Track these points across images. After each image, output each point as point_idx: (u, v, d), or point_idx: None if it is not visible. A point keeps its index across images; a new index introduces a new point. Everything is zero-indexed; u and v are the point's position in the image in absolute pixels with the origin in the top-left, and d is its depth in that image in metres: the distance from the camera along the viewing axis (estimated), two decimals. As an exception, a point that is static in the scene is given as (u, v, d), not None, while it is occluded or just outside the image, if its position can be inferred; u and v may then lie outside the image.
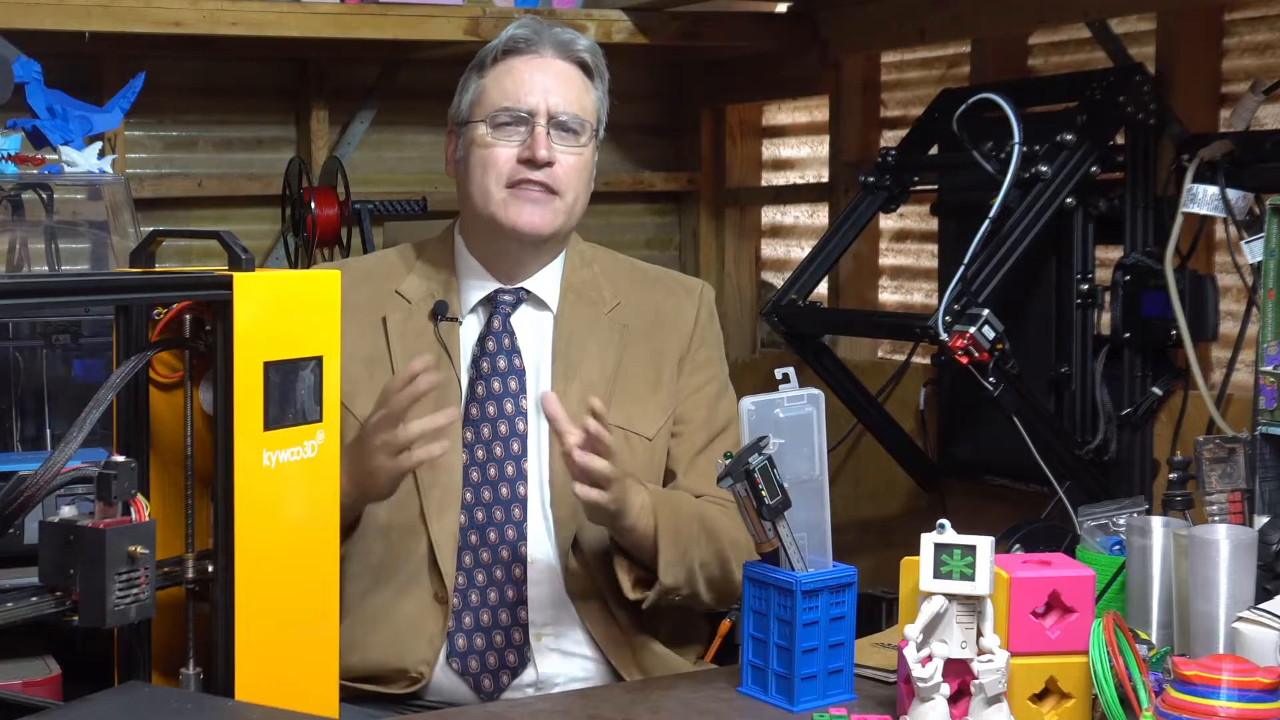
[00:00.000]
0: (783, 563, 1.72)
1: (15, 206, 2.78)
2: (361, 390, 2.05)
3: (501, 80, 2.08)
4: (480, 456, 2.04)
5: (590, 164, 2.11)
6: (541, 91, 2.06)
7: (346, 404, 2.02)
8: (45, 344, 2.54)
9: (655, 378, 2.13)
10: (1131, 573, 1.87)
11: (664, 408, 2.12)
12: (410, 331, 2.09)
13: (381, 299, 2.11)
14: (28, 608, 1.42)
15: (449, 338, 2.08)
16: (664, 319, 2.16)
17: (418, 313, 2.10)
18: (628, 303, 2.16)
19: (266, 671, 1.54)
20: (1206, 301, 2.86)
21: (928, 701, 1.58)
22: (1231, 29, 3.01)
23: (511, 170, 2.05)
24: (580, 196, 2.10)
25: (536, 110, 2.05)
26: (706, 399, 2.15)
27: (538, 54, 2.08)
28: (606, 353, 2.11)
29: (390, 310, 2.11)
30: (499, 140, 2.06)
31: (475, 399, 2.06)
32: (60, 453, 1.42)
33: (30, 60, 2.62)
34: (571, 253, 2.17)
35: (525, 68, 2.08)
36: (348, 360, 2.00)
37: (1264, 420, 1.89)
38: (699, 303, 2.20)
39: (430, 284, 2.12)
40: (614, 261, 2.22)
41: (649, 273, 2.24)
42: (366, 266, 2.21)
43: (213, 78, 3.89)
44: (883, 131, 3.87)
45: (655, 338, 2.15)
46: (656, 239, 4.46)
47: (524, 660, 2.01)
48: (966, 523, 1.71)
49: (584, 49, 2.11)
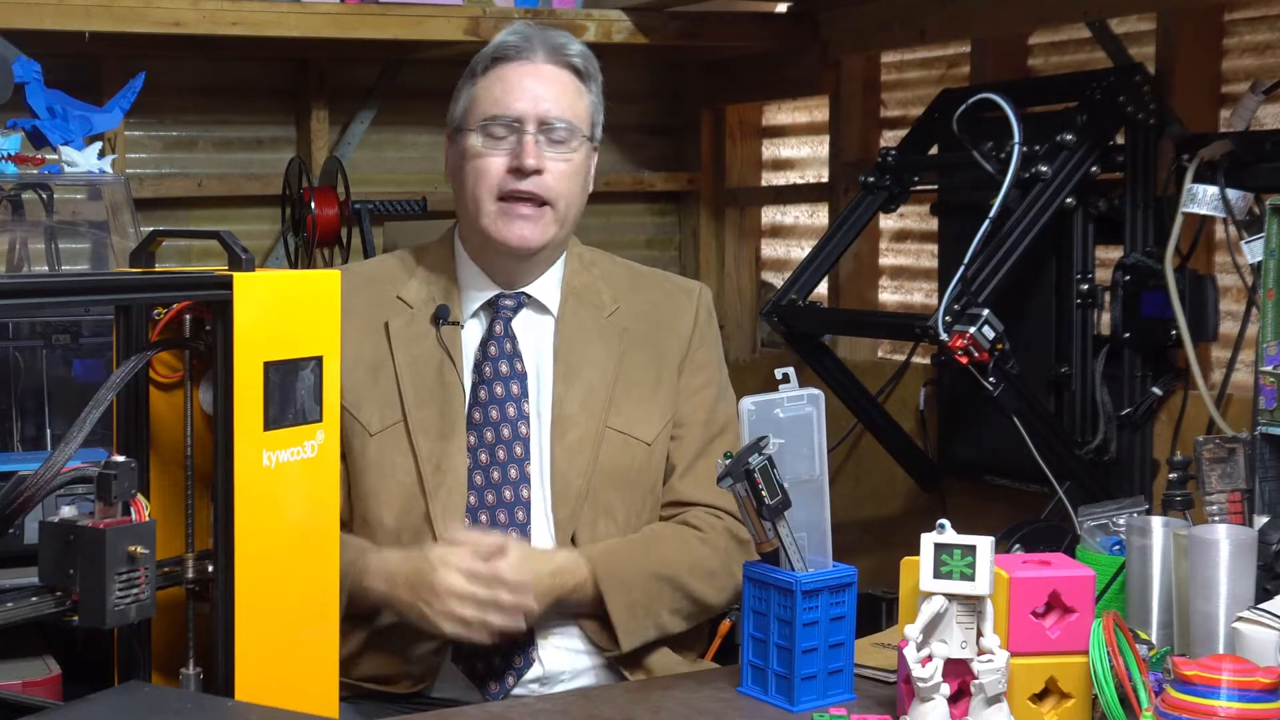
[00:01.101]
0: (783, 563, 1.72)
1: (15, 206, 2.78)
2: (365, 397, 2.06)
3: (492, 88, 2.08)
4: (484, 460, 2.05)
5: (583, 169, 2.11)
6: (531, 98, 2.05)
7: (351, 411, 2.04)
8: (45, 344, 2.54)
9: (655, 381, 2.13)
10: (1131, 573, 1.87)
11: (664, 411, 2.12)
12: (413, 336, 2.09)
13: (383, 304, 2.12)
14: (28, 608, 1.42)
15: (451, 342, 2.09)
16: (663, 322, 2.17)
17: (419, 317, 2.10)
18: (627, 306, 2.16)
19: (266, 671, 1.54)
20: (1206, 301, 2.86)
21: (928, 701, 1.58)
22: (1231, 29, 3.01)
23: (501, 181, 2.05)
24: (573, 203, 2.10)
25: (525, 117, 2.05)
26: (705, 401, 2.16)
27: (528, 60, 2.08)
28: (607, 356, 2.11)
29: (392, 315, 2.11)
30: (489, 150, 2.06)
31: (478, 403, 2.06)
32: (60, 453, 1.42)
33: (30, 60, 2.62)
34: (571, 256, 2.17)
35: (515, 74, 2.07)
36: (351, 366, 2.01)
37: (1264, 420, 1.89)
38: (697, 304, 2.20)
39: (431, 289, 2.12)
40: (613, 265, 2.23)
41: (647, 276, 2.24)
42: (367, 271, 2.21)
43: (213, 78, 3.89)
44: (883, 131, 3.87)
45: (655, 341, 2.15)
46: (656, 239, 4.46)
47: (529, 660, 2.02)
48: (966, 523, 1.71)
49: (576, 54, 2.11)
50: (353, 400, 2.04)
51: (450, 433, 2.04)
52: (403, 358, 2.07)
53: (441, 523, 2.01)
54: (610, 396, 2.09)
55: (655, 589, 2.03)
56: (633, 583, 2.02)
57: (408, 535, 2.02)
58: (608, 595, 1.99)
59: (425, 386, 2.07)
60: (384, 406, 2.06)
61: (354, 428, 2.05)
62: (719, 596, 2.08)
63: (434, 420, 2.05)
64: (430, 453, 2.03)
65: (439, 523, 2.01)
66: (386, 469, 2.04)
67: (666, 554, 2.06)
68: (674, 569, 2.04)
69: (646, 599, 2.02)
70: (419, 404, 2.05)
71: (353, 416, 2.04)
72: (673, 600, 2.04)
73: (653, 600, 2.02)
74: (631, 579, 2.02)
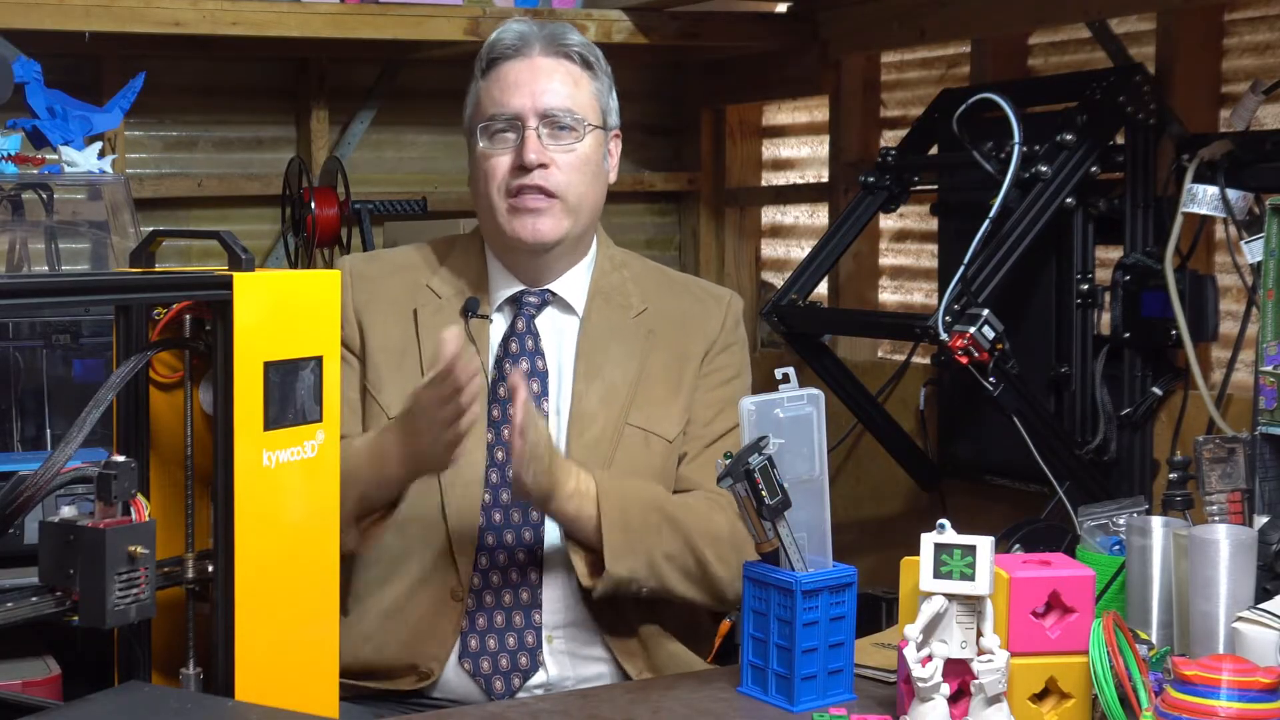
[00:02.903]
0: (783, 563, 1.72)
1: (15, 206, 2.78)
2: (388, 380, 2.06)
3: (491, 88, 2.08)
4: (500, 457, 2.04)
5: (592, 158, 2.09)
6: (528, 93, 2.05)
7: (373, 394, 2.05)
8: (45, 344, 2.54)
9: (677, 381, 2.12)
10: (1131, 573, 1.87)
11: (685, 410, 2.11)
12: (440, 325, 2.05)
13: (413, 291, 2.12)
14: (28, 608, 1.42)
15: (478, 335, 2.08)
16: (689, 324, 2.16)
17: (448, 308, 2.10)
18: (655, 308, 2.15)
19: (266, 671, 1.54)
20: (1206, 301, 2.86)
21: (928, 701, 1.58)
22: (1231, 29, 3.01)
23: (507, 179, 2.05)
24: (587, 194, 2.09)
25: (523, 112, 2.04)
26: (718, 400, 2.13)
27: (525, 56, 2.07)
28: (630, 356, 2.10)
29: (421, 303, 2.11)
30: (494, 150, 2.06)
31: (497, 400, 2.05)
32: (60, 453, 1.42)
33: (30, 60, 2.62)
34: (602, 256, 2.17)
35: (513, 72, 2.07)
36: (377, 350, 2.05)
37: (1264, 420, 1.89)
38: (725, 311, 2.19)
39: (460, 281, 2.12)
40: (644, 268, 2.22)
41: (679, 281, 2.24)
42: (397, 260, 2.20)
43: (213, 78, 3.89)
44: (883, 131, 3.87)
45: (679, 341, 2.14)
46: (656, 239, 4.45)
47: (535, 663, 2.01)
48: (966, 523, 1.71)
49: (576, 44, 2.10)
50: (374, 381, 2.05)
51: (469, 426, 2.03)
52: (429, 347, 2.05)
53: (455, 518, 2.01)
54: (632, 394, 2.08)
55: (655, 521, 1.98)
56: (631, 507, 1.97)
57: (420, 527, 2.01)
58: (604, 506, 1.94)
59: None
60: (405, 392, 2.01)
61: (373, 410, 2.04)
62: (723, 568, 2.00)
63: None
64: None
65: (452, 518, 2.01)
66: None
67: (675, 503, 2.03)
68: (680, 516, 2.00)
69: (643, 528, 1.97)
70: None
71: (373, 398, 2.04)
72: (671, 543, 1.98)
73: (649, 532, 1.97)
74: (630, 503, 1.98)
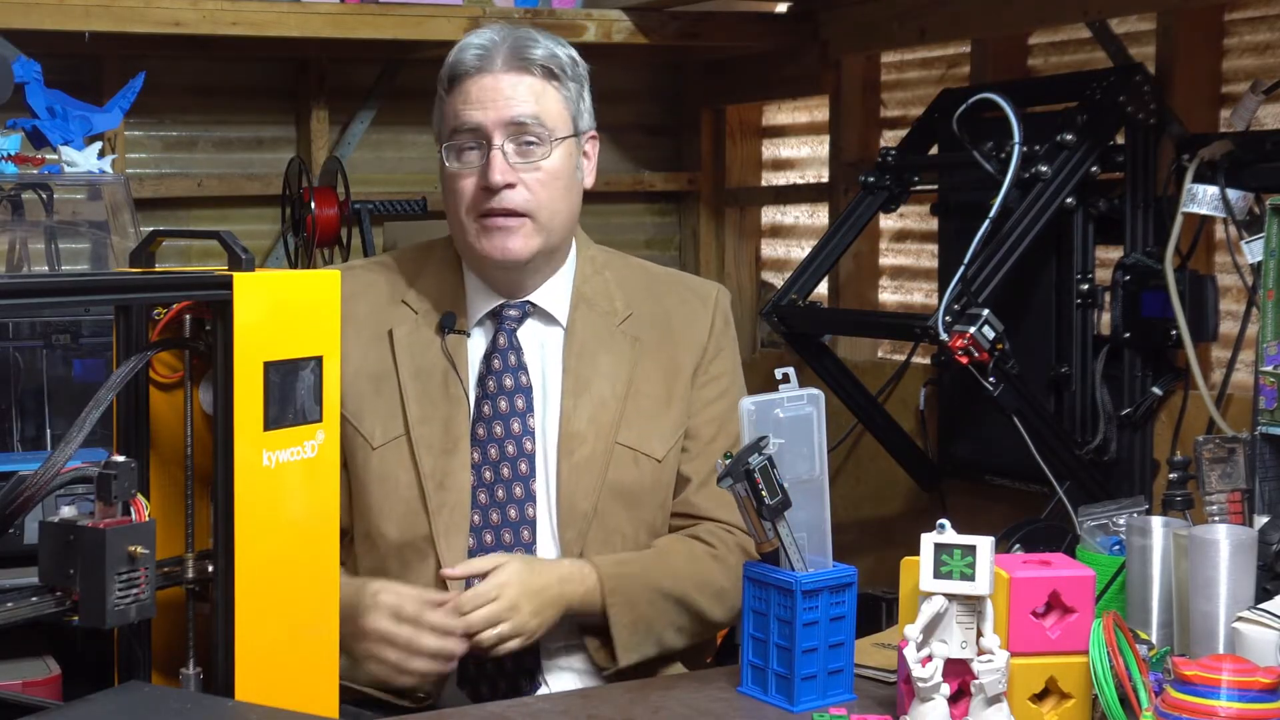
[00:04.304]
0: (783, 563, 1.72)
1: (15, 206, 2.78)
2: (367, 407, 2.01)
3: (455, 105, 2.01)
4: (488, 478, 2.01)
5: (564, 170, 2.02)
6: (492, 110, 1.98)
7: (353, 421, 2.00)
8: (45, 344, 2.54)
9: (667, 394, 2.08)
10: (1131, 573, 1.87)
11: (676, 425, 2.07)
12: (417, 345, 2.04)
13: (386, 310, 2.06)
14: (28, 608, 1.42)
15: (456, 352, 2.03)
16: (677, 329, 2.11)
17: (424, 324, 2.05)
18: (640, 313, 2.10)
19: (266, 671, 1.54)
20: (1206, 301, 2.86)
21: (928, 701, 1.58)
22: (1231, 29, 3.01)
23: (475, 200, 2.00)
24: (558, 210, 2.02)
25: (486, 131, 1.98)
26: (719, 413, 2.10)
27: (487, 71, 1.99)
28: (618, 368, 2.05)
29: (396, 322, 2.06)
30: (461, 169, 2.01)
31: (482, 419, 2.02)
32: (60, 453, 1.42)
33: (30, 60, 2.63)
34: (582, 259, 2.11)
35: (475, 88, 1.99)
36: (353, 376, 1.97)
37: (1264, 420, 1.89)
38: (713, 310, 2.15)
39: (437, 294, 2.07)
40: (626, 267, 2.16)
41: (663, 278, 2.17)
42: (369, 276, 2.11)
43: (213, 78, 3.89)
44: (883, 131, 3.87)
45: (668, 350, 2.09)
46: (656, 239, 4.45)
47: (535, 684, 1.99)
48: (966, 523, 1.71)
49: (540, 55, 2.00)
50: (354, 410, 1.99)
51: (454, 448, 2.00)
52: (407, 368, 2.02)
53: (444, 541, 1.97)
54: (620, 411, 2.03)
55: (661, 606, 1.99)
56: (638, 599, 1.98)
57: (410, 551, 1.99)
58: (611, 610, 1.96)
59: (429, 399, 2.01)
60: (387, 419, 2.01)
61: (355, 440, 2.00)
62: (725, 615, 2.05)
63: (438, 435, 2.00)
64: (434, 469, 1.99)
65: (441, 541, 1.97)
66: (389, 483, 2.00)
67: (676, 570, 2.02)
68: (682, 586, 2.01)
69: (650, 616, 1.98)
70: (423, 418, 2.00)
71: (354, 428, 2.00)
72: (677, 618, 2.01)
73: (657, 618, 1.99)
74: (637, 595, 1.98)
